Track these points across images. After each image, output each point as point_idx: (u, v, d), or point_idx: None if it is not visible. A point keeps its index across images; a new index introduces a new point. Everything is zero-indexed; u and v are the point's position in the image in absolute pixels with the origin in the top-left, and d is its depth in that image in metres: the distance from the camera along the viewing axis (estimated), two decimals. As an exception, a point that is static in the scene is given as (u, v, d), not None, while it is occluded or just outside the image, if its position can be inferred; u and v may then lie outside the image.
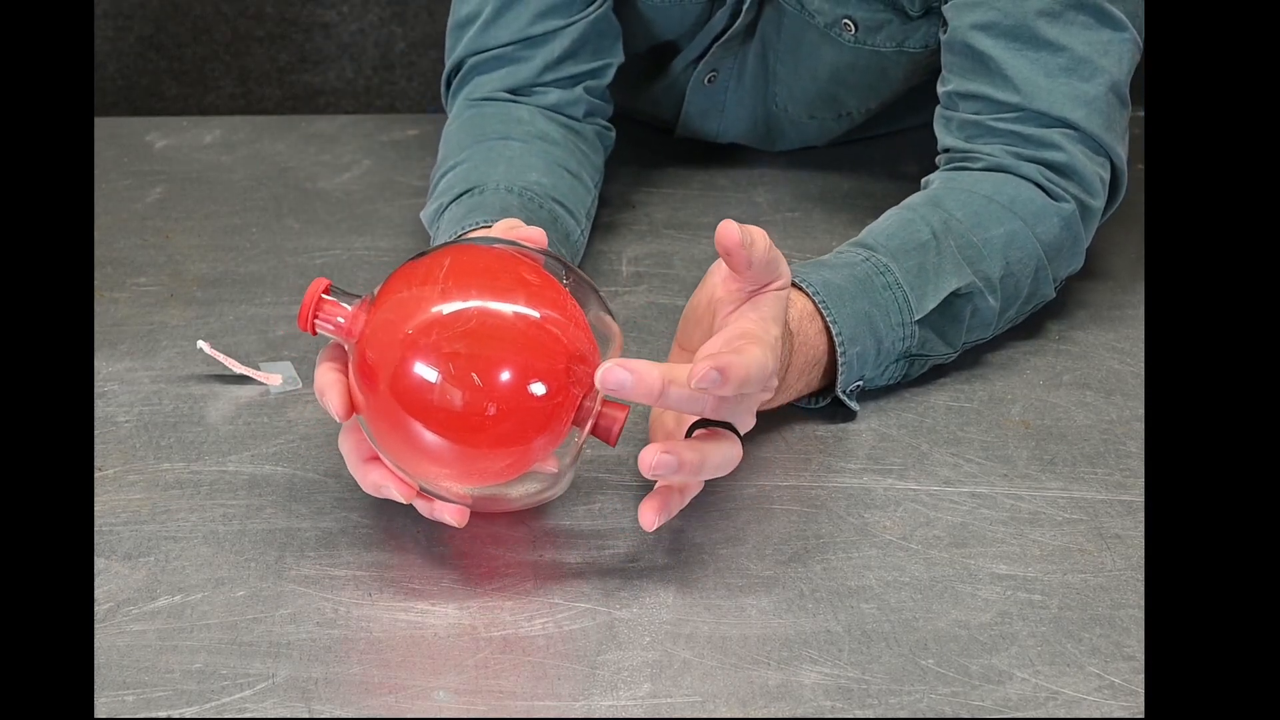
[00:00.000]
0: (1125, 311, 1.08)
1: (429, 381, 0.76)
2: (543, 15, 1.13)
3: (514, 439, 0.77)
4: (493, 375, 0.76)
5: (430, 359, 0.76)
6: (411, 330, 0.77)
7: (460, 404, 0.76)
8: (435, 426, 0.76)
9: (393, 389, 0.77)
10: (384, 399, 0.77)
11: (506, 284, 0.79)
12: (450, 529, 0.83)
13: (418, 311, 0.77)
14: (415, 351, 0.76)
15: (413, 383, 0.76)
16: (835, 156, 1.31)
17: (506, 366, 0.76)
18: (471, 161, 1.08)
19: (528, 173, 1.07)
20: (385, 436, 0.78)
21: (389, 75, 2.04)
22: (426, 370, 0.76)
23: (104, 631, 0.77)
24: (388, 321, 0.78)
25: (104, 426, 0.93)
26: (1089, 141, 1.03)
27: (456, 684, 0.74)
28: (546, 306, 0.78)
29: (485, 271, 0.79)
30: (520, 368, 0.76)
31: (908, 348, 0.95)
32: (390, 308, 0.78)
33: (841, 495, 0.88)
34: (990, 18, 1.04)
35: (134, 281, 1.11)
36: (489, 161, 1.08)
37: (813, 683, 0.74)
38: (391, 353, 0.77)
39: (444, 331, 0.76)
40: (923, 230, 0.98)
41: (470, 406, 0.76)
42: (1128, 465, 0.91)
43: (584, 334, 0.79)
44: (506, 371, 0.76)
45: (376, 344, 0.78)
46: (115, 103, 2.03)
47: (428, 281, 0.78)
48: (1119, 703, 0.73)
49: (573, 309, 0.79)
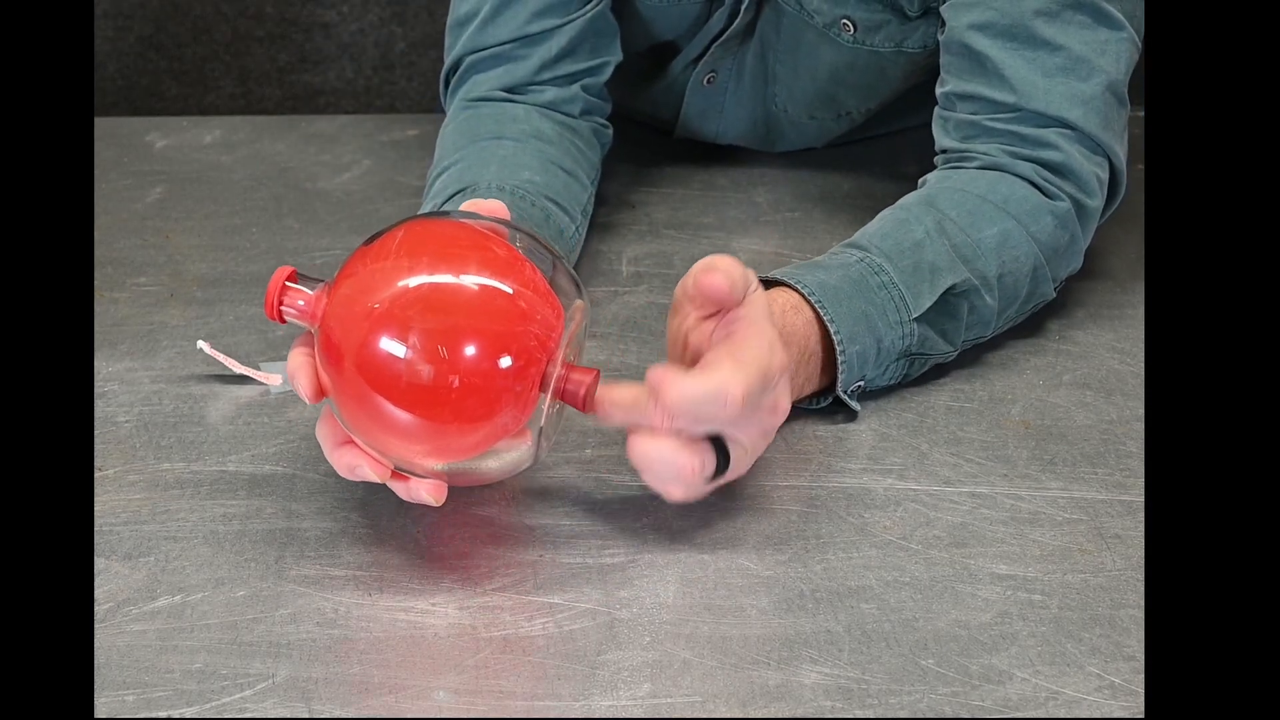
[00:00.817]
0: (1125, 311, 1.08)
1: (391, 356, 0.76)
2: (540, 14, 1.14)
3: (481, 411, 0.77)
4: (455, 347, 0.76)
5: (391, 333, 0.76)
6: (371, 306, 0.77)
7: (423, 378, 0.76)
8: (400, 402, 0.76)
9: (356, 366, 0.77)
10: (349, 378, 0.77)
11: (461, 254, 0.79)
12: (450, 527, 0.83)
13: (376, 287, 0.77)
14: (375, 327, 0.77)
15: (375, 358, 0.76)
16: (835, 156, 1.31)
17: (468, 337, 0.76)
18: (465, 162, 1.09)
19: (520, 171, 1.07)
20: (354, 416, 0.78)
21: (389, 75, 2.04)
22: (388, 345, 0.76)
23: (104, 631, 0.77)
24: (346, 298, 0.78)
25: (104, 426, 0.93)
26: (1086, 141, 1.03)
27: (456, 684, 0.74)
28: (504, 275, 0.78)
29: (439, 242, 0.79)
30: (481, 338, 0.76)
31: (907, 346, 0.95)
32: (348, 285, 0.79)
33: (841, 495, 0.88)
34: (987, 17, 1.04)
35: (134, 281, 1.11)
36: (482, 162, 1.08)
37: (813, 683, 0.74)
38: (352, 330, 0.77)
39: (402, 305, 0.77)
40: (916, 230, 0.98)
41: (434, 380, 0.76)
42: (1128, 465, 0.91)
43: (544, 300, 0.79)
44: (469, 343, 0.76)
45: (337, 322, 0.78)
46: (115, 103, 2.03)
47: (383, 257, 0.78)
48: (1119, 703, 0.73)
49: (532, 275, 0.79)
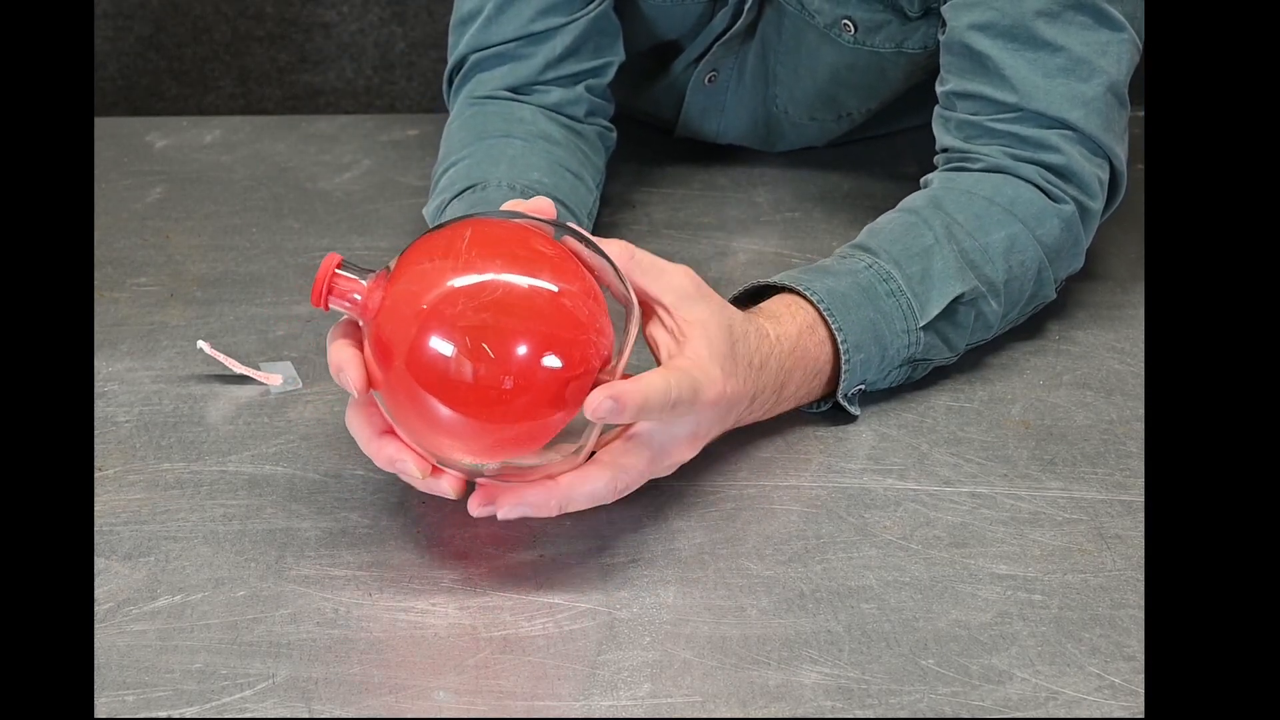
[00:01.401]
0: (1125, 312, 1.08)
1: (448, 355, 0.76)
2: (544, 12, 1.14)
3: (533, 412, 0.77)
4: (511, 349, 0.76)
5: (451, 332, 0.76)
6: (431, 303, 0.76)
7: (479, 378, 0.76)
8: (455, 402, 0.76)
9: (412, 364, 0.76)
10: (402, 374, 0.77)
11: (527, 257, 0.78)
12: (450, 528, 0.83)
13: (438, 284, 0.77)
14: (436, 325, 0.76)
15: (432, 357, 0.76)
16: (835, 156, 1.31)
17: (526, 340, 0.76)
18: (473, 158, 1.09)
19: (529, 171, 1.07)
20: (404, 412, 0.78)
21: (389, 75, 2.04)
22: (445, 344, 0.76)
23: (104, 631, 0.77)
24: (409, 293, 0.77)
25: (104, 426, 0.93)
26: (1087, 142, 1.03)
27: (456, 684, 0.74)
28: (565, 279, 0.78)
29: (506, 244, 0.79)
30: (540, 341, 0.76)
31: (912, 354, 0.96)
32: (410, 279, 0.78)
33: (841, 495, 0.88)
34: (988, 18, 1.04)
35: (134, 281, 1.11)
36: (491, 159, 1.08)
37: (813, 683, 0.74)
38: (412, 327, 0.77)
39: (466, 304, 0.76)
40: (925, 235, 0.98)
41: (489, 380, 0.76)
42: (1128, 465, 0.91)
43: (600, 306, 0.79)
44: (525, 345, 0.76)
45: (396, 317, 0.77)
46: (115, 103, 2.03)
47: (449, 254, 0.78)
48: (1119, 703, 0.73)
49: (589, 282, 0.79)
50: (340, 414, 0.94)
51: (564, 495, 0.79)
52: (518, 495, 0.79)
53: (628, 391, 0.77)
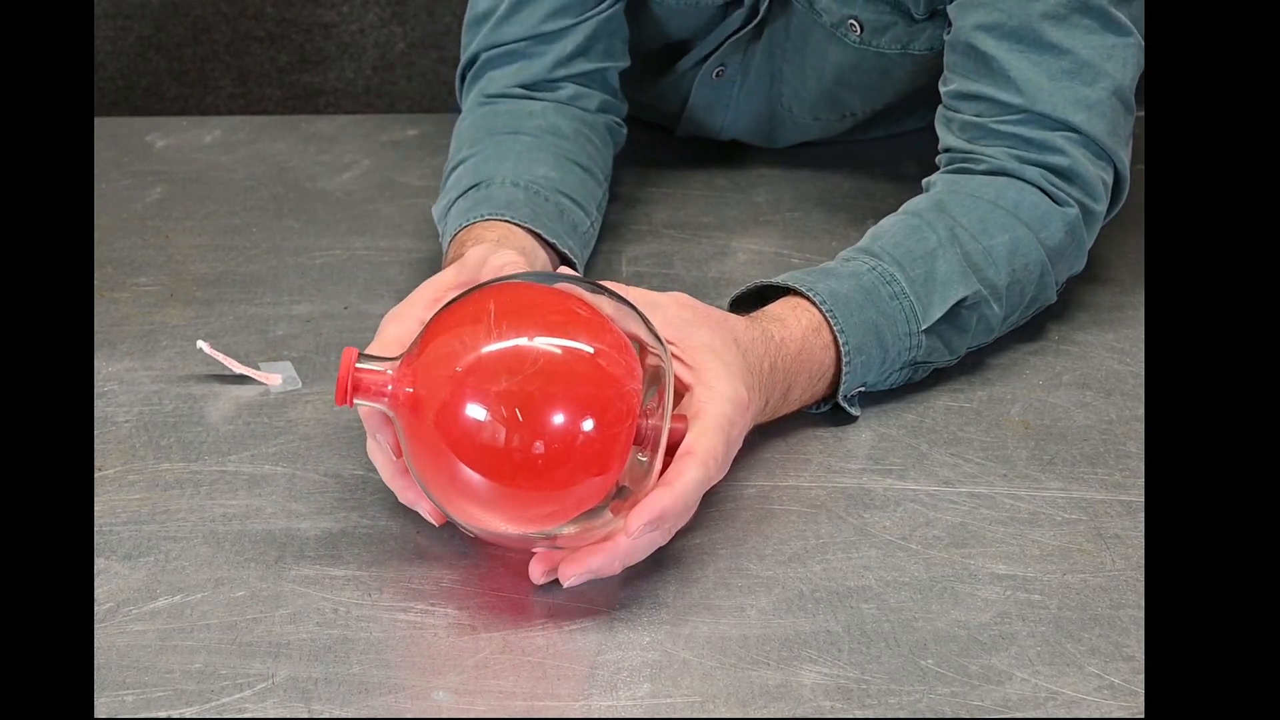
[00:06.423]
0: (1125, 313, 1.08)
1: (480, 424, 0.74)
2: (555, 13, 1.15)
3: (565, 479, 0.76)
4: (548, 416, 0.75)
5: (480, 400, 0.75)
6: (461, 371, 0.75)
7: (516, 449, 0.74)
8: (489, 473, 0.75)
9: (447, 440, 0.75)
10: (435, 450, 0.76)
11: (558, 321, 0.77)
12: (451, 529, 0.83)
13: (461, 355, 0.75)
14: (465, 394, 0.75)
15: (463, 427, 0.75)
16: (835, 156, 1.31)
17: (566, 408, 0.75)
18: (481, 156, 1.09)
19: (536, 167, 1.08)
20: (437, 486, 0.77)
21: (389, 75, 2.04)
22: (477, 412, 0.74)
23: (104, 631, 0.77)
24: (432, 363, 0.76)
25: (104, 426, 0.93)
26: (1091, 146, 1.03)
27: (456, 684, 0.74)
28: (594, 338, 0.76)
29: (528, 308, 0.77)
30: (578, 406, 0.75)
31: (913, 356, 0.96)
32: (432, 353, 0.76)
33: (841, 495, 0.88)
34: (994, 19, 1.04)
35: (134, 281, 1.11)
36: (498, 156, 1.09)
37: (812, 683, 0.74)
38: (438, 395, 0.75)
39: (509, 379, 0.75)
40: (929, 238, 0.98)
41: (523, 449, 0.75)
42: (1128, 465, 0.91)
43: (631, 359, 0.77)
44: (562, 414, 0.75)
45: (425, 390, 0.76)
46: (115, 103, 2.03)
47: (468, 323, 0.76)
48: (1119, 703, 0.73)
49: (618, 336, 0.78)
50: (340, 414, 0.94)
51: (626, 552, 0.78)
52: (581, 561, 0.78)
53: (666, 508, 0.77)
